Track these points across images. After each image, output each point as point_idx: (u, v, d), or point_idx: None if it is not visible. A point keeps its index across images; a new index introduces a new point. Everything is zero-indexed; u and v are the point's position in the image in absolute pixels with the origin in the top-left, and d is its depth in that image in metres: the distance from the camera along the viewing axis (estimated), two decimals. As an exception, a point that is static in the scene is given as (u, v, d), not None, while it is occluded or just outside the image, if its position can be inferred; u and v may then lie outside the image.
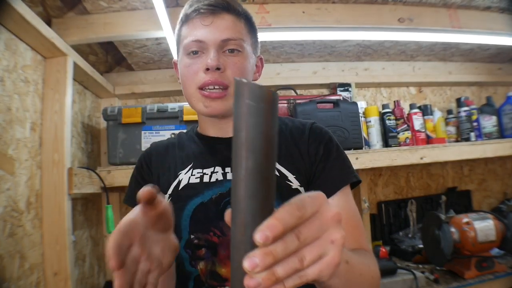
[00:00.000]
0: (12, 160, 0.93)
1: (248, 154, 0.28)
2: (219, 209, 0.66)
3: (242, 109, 0.29)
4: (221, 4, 0.66)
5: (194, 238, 0.65)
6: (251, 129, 0.29)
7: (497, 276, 1.26)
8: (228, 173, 0.70)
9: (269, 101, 0.29)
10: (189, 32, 0.68)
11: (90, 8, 1.22)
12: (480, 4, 1.43)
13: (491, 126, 1.77)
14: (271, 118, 0.29)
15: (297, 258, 0.29)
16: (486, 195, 2.03)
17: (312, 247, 0.30)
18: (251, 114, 0.28)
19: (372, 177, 1.87)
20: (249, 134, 0.29)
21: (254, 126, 0.29)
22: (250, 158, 0.28)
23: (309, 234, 0.30)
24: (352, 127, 1.42)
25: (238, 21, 0.69)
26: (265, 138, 0.29)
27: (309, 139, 0.72)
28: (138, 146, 1.35)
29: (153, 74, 1.73)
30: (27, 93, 1.03)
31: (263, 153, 0.29)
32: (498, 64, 2.09)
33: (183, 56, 0.69)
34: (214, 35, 0.65)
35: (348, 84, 1.80)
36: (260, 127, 0.29)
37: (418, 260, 1.45)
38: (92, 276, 1.39)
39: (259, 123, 0.29)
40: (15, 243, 0.92)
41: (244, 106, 0.29)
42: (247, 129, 0.29)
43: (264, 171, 0.29)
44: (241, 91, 0.29)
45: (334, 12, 1.34)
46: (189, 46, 0.67)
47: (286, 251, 0.28)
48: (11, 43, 0.96)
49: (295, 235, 0.29)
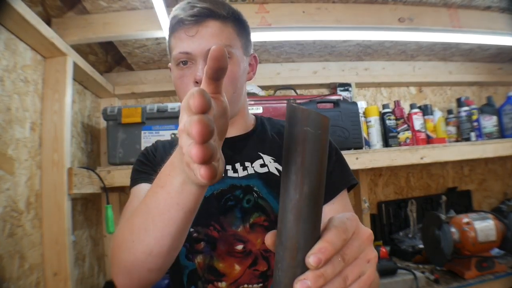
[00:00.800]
0: (12, 160, 0.93)
1: (304, 180, 0.29)
2: (220, 204, 0.67)
3: (299, 135, 0.29)
4: (204, 13, 0.64)
5: (194, 231, 0.66)
6: (308, 156, 0.29)
7: (497, 276, 1.25)
8: (229, 170, 0.70)
9: (326, 128, 0.29)
10: (176, 43, 0.67)
11: (89, 8, 1.22)
12: (480, 4, 1.43)
13: (491, 126, 1.77)
14: (326, 145, 0.30)
15: (342, 278, 0.31)
16: (486, 195, 2.03)
17: (353, 267, 0.32)
18: (309, 140, 0.29)
19: (372, 177, 1.87)
20: (306, 160, 0.29)
21: (311, 152, 0.29)
22: (306, 184, 0.29)
23: (351, 255, 0.32)
24: (352, 127, 1.42)
25: (225, 26, 0.66)
26: (321, 164, 0.30)
27: None
28: (138, 146, 1.35)
29: (153, 74, 1.73)
30: (27, 93, 1.03)
31: (318, 179, 0.30)
32: (498, 64, 2.09)
33: (173, 66, 0.69)
34: (200, 46, 0.64)
35: (348, 84, 1.80)
36: (317, 154, 0.29)
37: (418, 260, 1.44)
38: (92, 276, 1.39)
39: (316, 150, 0.29)
40: (15, 243, 0.92)
41: (301, 133, 0.29)
42: (304, 155, 0.29)
43: (317, 196, 0.30)
44: (299, 116, 0.29)
45: (334, 12, 1.33)
46: (178, 58, 0.67)
47: (334, 273, 0.30)
48: (11, 43, 0.96)
49: (341, 256, 0.31)
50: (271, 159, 0.72)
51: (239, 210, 0.67)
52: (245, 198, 0.68)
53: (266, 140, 0.75)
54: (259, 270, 0.65)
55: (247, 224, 0.66)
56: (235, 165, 0.71)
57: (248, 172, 0.70)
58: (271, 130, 0.78)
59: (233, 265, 0.65)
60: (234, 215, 0.67)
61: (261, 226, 0.66)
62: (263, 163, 0.71)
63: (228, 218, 0.66)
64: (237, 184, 0.69)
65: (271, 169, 0.70)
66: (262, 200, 0.67)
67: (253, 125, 0.79)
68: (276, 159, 0.71)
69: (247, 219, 0.66)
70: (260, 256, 0.66)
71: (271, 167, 0.70)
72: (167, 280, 1.22)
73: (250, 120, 0.79)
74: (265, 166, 0.71)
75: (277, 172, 0.70)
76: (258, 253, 0.66)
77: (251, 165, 0.71)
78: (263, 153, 0.72)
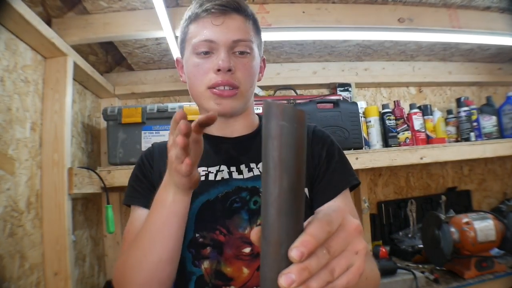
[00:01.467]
0: (12, 160, 0.93)
1: (283, 174, 0.29)
2: (226, 207, 0.66)
3: (275, 130, 0.29)
4: (232, 5, 0.67)
5: (199, 236, 0.65)
6: (284, 150, 0.29)
7: (497, 276, 1.26)
8: (234, 172, 0.70)
9: (301, 121, 0.30)
10: (198, 31, 0.67)
11: (90, 8, 1.22)
12: (480, 4, 1.43)
13: (491, 126, 1.77)
14: (303, 138, 0.30)
15: (328, 270, 0.30)
16: (486, 195, 2.03)
17: (340, 259, 0.31)
18: (285, 134, 0.29)
19: (372, 177, 1.87)
20: (283, 155, 0.29)
21: (288, 146, 0.29)
22: (285, 178, 0.29)
23: (337, 247, 0.31)
24: (352, 127, 1.42)
25: (247, 22, 0.69)
26: (298, 157, 0.30)
27: (312, 142, 0.73)
28: (138, 146, 1.35)
29: (153, 74, 1.73)
30: (27, 93, 1.03)
31: (296, 172, 0.30)
32: (498, 64, 2.09)
33: (191, 54, 0.68)
34: (226, 36, 0.65)
35: (348, 84, 1.80)
36: (293, 147, 0.29)
37: (418, 260, 1.45)
38: (92, 276, 1.39)
39: (292, 144, 0.29)
40: (15, 243, 0.92)
41: (277, 127, 0.29)
42: (280, 149, 0.29)
43: (297, 189, 0.30)
44: (273, 112, 0.30)
45: (334, 12, 1.34)
46: (199, 46, 0.66)
47: (319, 265, 0.29)
48: (11, 43, 0.96)
49: (326, 249, 0.30)
50: None
51: (246, 212, 0.66)
52: (252, 199, 0.67)
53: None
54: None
55: (254, 226, 0.65)
56: (240, 167, 0.70)
57: (254, 173, 0.69)
58: None
59: (241, 269, 0.64)
60: (240, 217, 0.66)
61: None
62: None
63: (234, 221, 0.66)
64: (243, 186, 0.68)
65: None
66: None
67: (258, 124, 0.79)
68: None
69: (254, 220, 0.65)
70: None
71: None
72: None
73: (255, 120, 0.79)
74: None
75: None
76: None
77: (256, 166, 0.70)
78: None
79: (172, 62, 1.55)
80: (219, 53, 0.66)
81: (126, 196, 0.74)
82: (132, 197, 0.72)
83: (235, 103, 0.68)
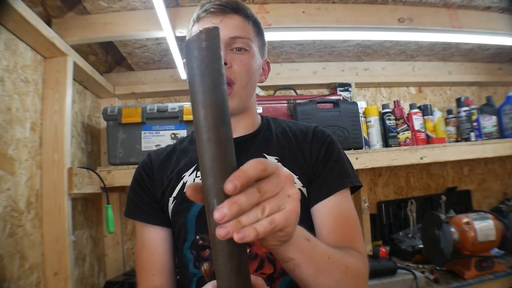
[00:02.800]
0: (12, 160, 0.93)
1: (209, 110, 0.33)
2: None
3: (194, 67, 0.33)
4: (230, 5, 0.68)
5: (200, 239, 0.66)
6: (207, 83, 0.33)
7: (497, 276, 1.26)
8: None
9: (215, 39, 0.33)
10: (198, 29, 0.68)
11: (90, 8, 1.22)
12: (480, 4, 1.43)
13: (491, 126, 1.77)
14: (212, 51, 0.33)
15: (259, 209, 0.33)
16: (486, 195, 2.03)
17: (272, 200, 0.34)
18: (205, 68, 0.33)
19: (372, 177, 1.87)
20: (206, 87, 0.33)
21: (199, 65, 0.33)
22: (210, 107, 0.33)
23: (268, 188, 0.34)
24: (352, 127, 1.42)
25: (246, 23, 0.70)
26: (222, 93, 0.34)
27: (312, 141, 0.73)
28: (138, 146, 1.35)
29: (153, 74, 1.73)
30: (27, 93, 1.03)
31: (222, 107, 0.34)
32: (498, 64, 2.09)
33: None
34: (223, 32, 0.66)
35: (348, 84, 1.80)
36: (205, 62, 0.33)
37: (418, 260, 1.44)
38: (92, 276, 1.39)
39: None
40: (15, 243, 0.92)
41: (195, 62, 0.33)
42: (204, 82, 0.33)
43: (223, 124, 0.34)
44: (188, 51, 0.33)
45: (334, 12, 1.33)
46: None
47: (249, 202, 0.32)
48: (11, 43, 0.96)
49: (256, 188, 0.33)
50: (275, 159, 0.71)
51: None
52: None
53: (271, 140, 0.75)
54: (266, 273, 0.64)
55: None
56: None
57: None
58: (276, 130, 0.78)
59: None
60: None
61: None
62: None
63: None
64: None
65: None
66: None
67: (259, 124, 0.79)
68: (280, 159, 0.71)
69: None
70: (266, 259, 0.65)
71: None
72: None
73: (257, 120, 0.79)
74: None
75: None
76: (264, 256, 0.65)
77: None
78: (268, 154, 0.72)
79: (172, 62, 1.55)
80: None
81: (126, 209, 0.75)
82: (134, 212, 0.73)
83: (230, 102, 0.67)
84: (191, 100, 0.34)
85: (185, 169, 0.71)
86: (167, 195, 0.71)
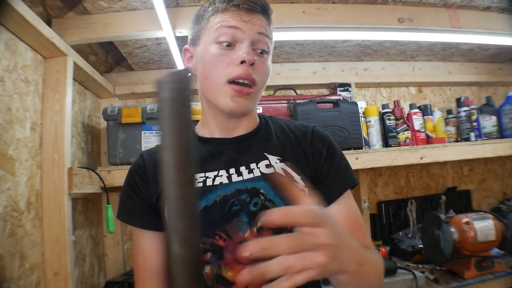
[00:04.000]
0: (12, 160, 0.93)
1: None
2: (224, 211, 0.65)
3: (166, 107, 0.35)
4: (261, 6, 0.67)
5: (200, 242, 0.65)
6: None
7: (497, 276, 1.26)
8: (233, 174, 0.69)
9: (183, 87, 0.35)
10: (223, 20, 0.66)
11: (90, 8, 1.22)
12: (480, 4, 1.43)
13: (491, 126, 1.77)
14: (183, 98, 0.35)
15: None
16: (486, 195, 2.03)
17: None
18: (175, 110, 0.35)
19: (372, 177, 1.87)
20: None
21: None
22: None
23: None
24: (352, 127, 1.42)
25: (269, 25, 0.71)
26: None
27: (313, 141, 0.74)
28: (138, 146, 1.35)
29: (153, 74, 1.73)
30: (27, 93, 1.03)
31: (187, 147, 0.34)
32: (498, 64, 2.09)
33: (211, 44, 0.67)
34: (251, 29, 0.66)
35: (348, 84, 1.80)
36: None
37: (418, 260, 1.45)
38: (92, 276, 1.39)
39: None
40: (15, 243, 0.92)
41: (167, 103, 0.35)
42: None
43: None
44: (159, 91, 0.35)
45: (334, 12, 1.34)
46: (222, 33, 0.66)
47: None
48: (11, 43, 0.96)
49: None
50: (277, 159, 0.71)
51: (246, 214, 0.65)
52: (252, 201, 0.66)
53: (271, 139, 0.74)
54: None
55: (254, 228, 0.65)
56: (240, 168, 0.69)
57: (254, 174, 0.69)
58: (275, 129, 0.77)
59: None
60: (240, 220, 0.65)
61: (269, 229, 0.64)
62: (268, 163, 0.70)
63: (234, 225, 0.65)
64: (242, 188, 0.67)
65: (277, 170, 0.69)
66: (269, 203, 0.66)
67: (258, 123, 0.78)
68: (282, 159, 0.71)
69: (254, 223, 0.65)
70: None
71: (277, 168, 0.69)
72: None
73: (256, 119, 0.79)
74: (271, 167, 0.69)
75: (283, 172, 0.69)
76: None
77: (257, 166, 0.70)
78: (269, 153, 0.71)
79: (172, 62, 1.55)
80: (242, 46, 0.65)
81: (119, 211, 0.73)
82: (127, 216, 0.71)
83: (248, 102, 0.68)
84: (159, 139, 0.35)
85: None
86: (163, 198, 0.69)
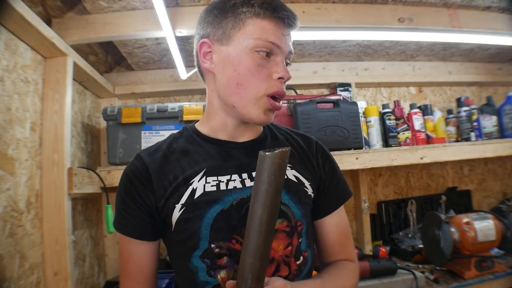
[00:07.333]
0: (12, 160, 0.93)
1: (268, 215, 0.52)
2: (241, 215, 0.65)
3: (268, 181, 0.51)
4: (296, 23, 0.70)
5: (215, 247, 0.64)
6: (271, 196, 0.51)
7: (497, 276, 1.26)
8: (246, 179, 0.68)
9: (282, 171, 0.51)
10: (264, 30, 0.65)
11: (90, 8, 1.22)
12: (480, 4, 1.43)
13: (491, 126, 1.77)
14: (282, 175, 0.51)
15: None
16: (486, 195, 2.03)
17: None
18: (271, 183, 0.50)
19: (372, 177, 1.87)
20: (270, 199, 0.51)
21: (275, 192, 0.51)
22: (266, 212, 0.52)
23: None
24: (352, 127, 1.42)
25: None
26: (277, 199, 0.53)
27: (317, 153, 0.77)
28: (138, 146, 1.35)
29: (153, 74, 1.73)
30: (27, 93, 1.03)
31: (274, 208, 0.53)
32: (498, 64, 2.09)
33: (248, 50, 0.65)
34: (288, 45, 0.69)
35: (348, 84, 1.80)
36: (274, 188, 0.51)
37: (418, 260, 1.45)
38: (92, 276, 1.39)
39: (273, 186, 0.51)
40: (15, 243, 0.92)
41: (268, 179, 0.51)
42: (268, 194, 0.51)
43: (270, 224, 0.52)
44: (264, 161, 0.50)
45: (334, 12, 1.33)
46: (263, 46, 0.65)
47: None
48: (11, 43, 0.96)
49: None
50: (288, 166, 0.71)
51: None
52: None
53: (280, 146, 0.75)
54: (282, 276, 0.64)
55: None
56: (252, 174, 0.69)
57: None
58: (280, 136, 0.78)
59: None
60: None
61: (283, 232, 0.66)
62: None
63: None
64: None
65: (289, 176, 0.70)
66: (284, 206, 0.67)
67: (262, 129, 0.78)
68: (292, 166, 0.72)
69: None
70: (282, 262, 0.65)
71: (289, 174, 0.71)
72: (167, 279, 1.22)
73: (260, 126, 0.79)
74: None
75: (295, 179, 0.71)
76: (280, 259, 0.65)
77: None
78: None
79: (172, 62, 1.55)
80: (278, 61, 0.67)
81: (115, 221, 0.72)
82: (122, 225, 0.70)
83: (273, 116, 0.70)
84: (252, 196, 0.52)
85: (193, 175, 0.68)
86: (172, 202, 0.66)
